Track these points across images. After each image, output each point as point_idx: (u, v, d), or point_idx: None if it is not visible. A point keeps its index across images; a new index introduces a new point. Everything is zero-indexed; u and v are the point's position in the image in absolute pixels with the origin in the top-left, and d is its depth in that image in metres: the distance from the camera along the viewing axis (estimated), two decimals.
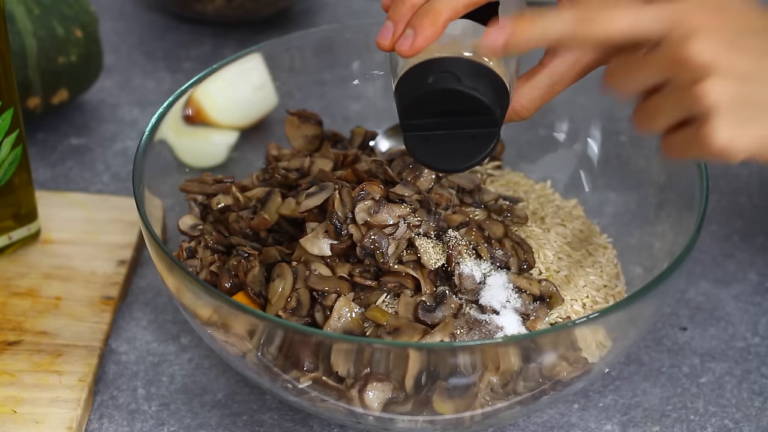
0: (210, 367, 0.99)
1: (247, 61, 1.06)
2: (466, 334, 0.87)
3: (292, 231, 0.94)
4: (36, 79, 1.16)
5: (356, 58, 1.11)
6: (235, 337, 0.85)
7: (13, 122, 0.99)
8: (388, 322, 0.87)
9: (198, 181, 0.99)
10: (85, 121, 1.25)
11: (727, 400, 0.97)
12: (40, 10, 1.16)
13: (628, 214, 1.03)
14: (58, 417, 0.92)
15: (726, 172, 1.19)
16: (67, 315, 1.01)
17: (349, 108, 1.12)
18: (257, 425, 0.94)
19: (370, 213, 0.89)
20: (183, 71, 1.32)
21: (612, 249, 1.00)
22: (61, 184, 1.17)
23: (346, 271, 0.89)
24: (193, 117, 1.03)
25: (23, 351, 0.97)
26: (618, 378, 0.98)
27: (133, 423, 0.94)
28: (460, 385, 0.83)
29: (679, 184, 0.96)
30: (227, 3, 1.34)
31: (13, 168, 1.02)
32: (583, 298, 0.94)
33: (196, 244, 0.96)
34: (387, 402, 0.84)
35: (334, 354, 0.82)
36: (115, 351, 1.00)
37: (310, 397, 0.86)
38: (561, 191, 1.06)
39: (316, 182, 0.94)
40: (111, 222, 1.09)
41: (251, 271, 0.91)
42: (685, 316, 1.04)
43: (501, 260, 0.91)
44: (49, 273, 1.04)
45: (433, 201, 0.92)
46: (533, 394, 0.86)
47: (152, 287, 1.06)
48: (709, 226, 1.12)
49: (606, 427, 0.95)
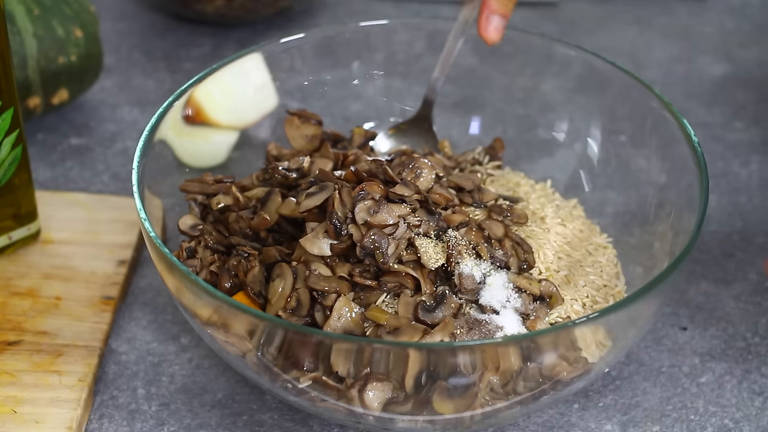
0: (210, 367, 0.99)
1: (247, 61, 1.06)
2: (466, 333, 0.87)
3: (292, 231, 0.94)
4: (36, 79, 1.16)
5: (356, 58, 1.11)
6: (235, 337, 0.85)
7: (13, 122, 0.99)
8: (388, 322, 0.87)
9: (198, 181, 0.99)
10: (85, 121, 1.25)
11: (727, 400, 0.97)
12: (40, 10, 1.16)
13: (628, 214, 1.03)
14: (58, 417, 0.92)
15: (726, 172, 1.19)
16: (67, 315, 1.01)
17: (349, 108, 1.12)
18: (257, 425, 0.94)
19: (370, 213, 0.89)
20: (183, 71, 1.32)
21: (612, 249, 1.00)
22: (61, 184, 1.17)
23: (346, 271, 0.90)
24: (193, 117, 1.03)
25: (23, 351, 0.97)
26: (618, 378, 0.98)
27: (133, 423, 0.94)
28: (460, 385, 0.83)
29: (679, 184, 0.96)
30: (227, 3, 1.34)
31: (13, 168, 1.02)
32: (583, 297, 0.94)
33: (196, 244, 0.96)
34: (387, 402, 0.84)
35: (334, 354, 0.83)
36: (115, 351, 1.00)
37: (310, 397, 0.86)
38: (561, 191, 1.06)
39: (316, 182, 0.94)
40: (111, 222, 1.09)
41: (251, 271, 0.91)
42: (685, 316, 1.04)
43: (501, 260, 0.91)
44: (49, 273, 1.04)
45: (433, 201, 0.92)
46: (533, 394, 0.86)
47: (152, 287, 1.06)
48: (709, 226, 1.12)
49: (606, 427, 0.95)
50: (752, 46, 1.38)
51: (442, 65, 1.06)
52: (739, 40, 1.39)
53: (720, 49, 1.37)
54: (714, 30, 1.41)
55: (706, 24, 1.42)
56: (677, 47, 1.38)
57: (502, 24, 1.00)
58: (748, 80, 1.32)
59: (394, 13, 1.08)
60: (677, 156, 0.97)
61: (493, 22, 1.00)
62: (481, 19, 1.00)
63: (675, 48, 1.37)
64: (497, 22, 1.00)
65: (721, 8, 1.45)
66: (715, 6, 1.45)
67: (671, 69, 1.34)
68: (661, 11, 1.44)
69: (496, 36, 1.01)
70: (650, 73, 1.32)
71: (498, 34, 1.01)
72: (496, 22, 1.00)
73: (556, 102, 1.09)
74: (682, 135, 0.96)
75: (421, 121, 1.08)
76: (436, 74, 1.06)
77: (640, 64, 1.34)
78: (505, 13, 1.00)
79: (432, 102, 1.07)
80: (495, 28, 1.00)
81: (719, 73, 1.33)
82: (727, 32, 1.40)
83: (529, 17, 1.40)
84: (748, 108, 1.27)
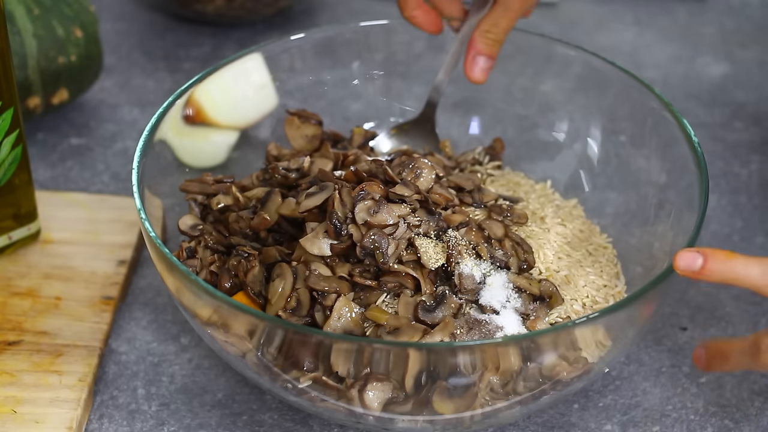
0: (210, 367, 0.99)
1: (247, 61, 1.06)
2: (466, 334, 0.87)
3: (292, 231, 0.94)
4: (36, 79, 1.16)
5: (356, 58, 1.11)
6: (235, 337, 0.85)
7: (13, 122, 0.99)
8: (388, 322, 0.87)
9: (198, 181, 0.99)
10: (85, 121, 1.25)
11: (727, 400, 0.96)
12: (40, 10, 1.16)
13: (628, 214, 1.03)
14: (58, 417, 0.92)
15: (726, 172, 1.19)
16: (67, 315, 1.01)
17: (349, 108, 1.12)
18: (257, 425, 0.94)
19: (370, 213, 0.89)
20: (183, 71, 1.32)
21: (612, 249, 1.00)
22: (61, 184, 1.17)
23: (346, 271, 0.89)
24: (193, 117, 1.03)
25: (23, 351, 0.97)
26: (618, 378, 0.98)
27: (133, 423, 0.94)
28: (460, 385, 0.83)
29: (679, 184, 0.96)
30: (227, 3, 1.34)
31: (13, 168, 1.02)
32: (583, 297, 0.94)
33: (196, 244, 0.96)
34: (387, 402, 0.84)
35: (334, 354, 0.82)
36: (115, 351, 1.00)
37: (310, 397, 0.86)
38: (561, 191, 1.06)
39: (316, 182, 0.94)
40: (111, 222, 1.09)
41: (251, 271, 0.91)
42: (685, 316, 1.04)
43: (501, 260, 0.91)
44: (49, 273, 1.04)
45: (433, 201, 0.92)
46: (533, 394, 0.86)
47: (152, 287, 1.06)
48: (709, 226, 1.12)
49: (606, 427, 0.95)
50: (752, 46, 1.38)
51: (447, 68, 1.06)
52: (739, 40, 1.39)
53: (720, 49, 1.37)
54: (714, 30, 1.41)
55: (706, 24, 1.42)
56: (677, 47, 1.38)
57: (488, 65, 1.03)
58: (748, 80, 1.32)
59: (394, 13, 1.07)
60: (677, 156, 0.97)
61: (480, 63, 1.02)
62: (468, 60, 1.03)
63: (675, 48, 1.37)
64: (483, 63, 1.02)
65: (721, 8, 1.45)
66: (715, 6, 1.45)
67: (671, 69, 1.34)
68: (660, 11, 1.44)
69: (482, 77, 1.03)
70: (650, 73, 1.32)
71: (484, 75, 1.03)
72: (483, 63, 1.02)
73: (556, 102, 1.09)
74: (682, 135, 0.96)
75: (424, 122, 1.08)
76: (440, 77, 1.06)
77: (640, 64, 1.34)
78: (491, 54, 1.02)
79: (435, 104, 1.07)
80: (481, 69, 1.03)
81: (719, 73, 1.33)
82: (727, 32, 1.40)
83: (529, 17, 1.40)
84: (748, 108, 1.27)
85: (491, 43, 1.02)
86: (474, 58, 1.02)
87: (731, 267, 0.83)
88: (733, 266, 0.83)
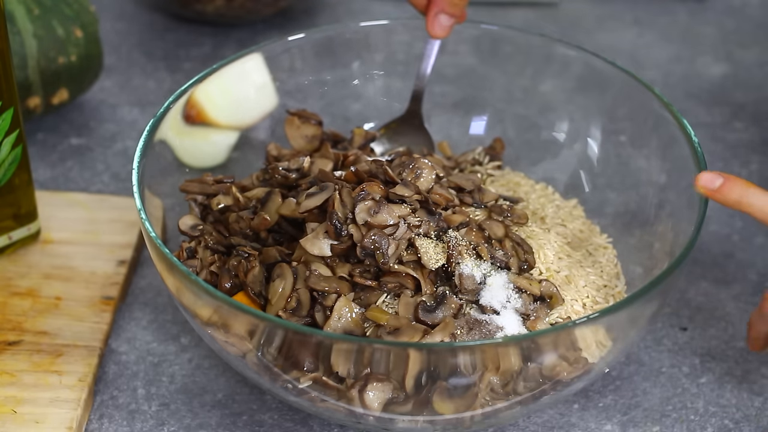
0: (210, 367, 0.99)
1: (247, 61, 1.06)
2: (466, 334, 0.87)
3: (292, 231, 0.94)
4: (36, 79, 1.16)
5: (356, 58, 1.11)
6: (235, 337, 0.85)
7: (13, 122, 0.99)
8: (388, 323, 0.87)
9: (198, 181, 0.99)
10: (85, 121, 1.25)
11: (727, 400, 0.97)
12: (40, 10, 1.16)
13: (628, 214, 1.03)
14: (58, 417, 0.92)
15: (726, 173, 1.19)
16: (67, 315, 1.01)
17: (349, 108, 1.12)
18: (257, 425, 0.94)
19: (370, 213, 0.89)
20: (183, 71, 1.32)
21: (612, 249, 1.00)
22: (61, 184, 1.17)
23: (346, 271, 0.89)
24: (193, 117, 1.03)
25: (23, 351, 0.97)
26: (618, 378, 0.98)
27: (133, 423, 0.94)
28: (460, 385, 0.83)
29: (679, 184, 0.96)
30: (227, 3, 1.34)
31: (13, 168, 1.02)
32: (583, 298, 0.94)
33: (196, 244, 0.96)
34: (387, 402, 0.84)
35: (334, 354, 0.83)
36: (115, 351, 1.00)
37: (310, 397, 0.86)
38: (561, 191, 1.06)
39: (316, 182, 0.94)
40: (111, 222, 1.09)
41: (251, 271, 0.91)
42: (685, 316, 1.04)
43: (501, 260, 0.91)
44: (49, 273, 1.04)
45: (433, 201, 0.92)
46: (533, 394, 0.86)
47: (152, 287, 1.06)
48: (709, 226, 1.12)
49: (606, 427, 0.95)
50: (752, 46, 1.38)
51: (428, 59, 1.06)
52: (739, 40, 1.39)
53: (720, 50, 1.37)
54: (714, 30, 1.41)
55: (705, 24, 1.42)
56: (677, 47, 1.38)
57: (449, 22, 1.04)
58: (748, 80, 1.32)
59: (394, 13, 1.08)
60: (677, 156, 0.97)
61: (441, 20, 1.04)
62: (429, 17, 1.04)
63: (675, 48, 1.37)
64: (445, 21, 1.04)
65: (721, 8, 1.44)
66: (715, 6, 1.45)
67: (671, 69, 1.34)
68: (660, 11, 1.44)
69: (442, 33, 1.04)
70: (650, 73, 1.32)
71: (444, 32, 1.04)
72: (444, 20, 1.04)
73: (556, 102, 1.09)
74: (682, 135, 0.96)
75: (411, 118, 1.08)
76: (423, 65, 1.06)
77: (640, 64, 1.34)
78: (453, 12, 1.03)
79: (421, 96, 1.07)
80: (441, 26, 1.04)
81: (719, 73, 1.33)
82: (727, 32, 1.40)
83: (529, 17, 1.40)
84: (748, 108, 1.27)
85: (453, 1, 1.03)
86: (436, 15, 1.03)
87: (747, 192, 0.87)
88: (749, 193, 0.87)
